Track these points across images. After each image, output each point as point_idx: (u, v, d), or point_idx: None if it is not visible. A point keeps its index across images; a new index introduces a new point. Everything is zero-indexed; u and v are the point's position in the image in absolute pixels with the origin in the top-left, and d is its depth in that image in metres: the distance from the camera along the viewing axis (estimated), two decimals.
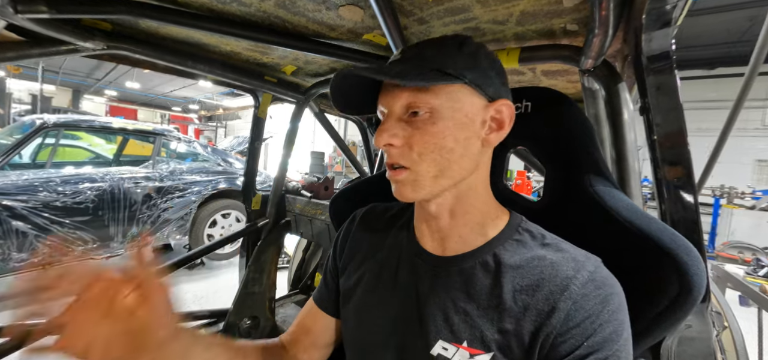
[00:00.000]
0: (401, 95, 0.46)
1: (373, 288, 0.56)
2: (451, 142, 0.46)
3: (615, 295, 0.42)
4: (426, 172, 0.46)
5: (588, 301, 0.41)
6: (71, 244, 2.71)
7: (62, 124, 2.77)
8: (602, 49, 0.68)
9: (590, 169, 0.57)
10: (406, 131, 0.46)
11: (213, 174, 3.60)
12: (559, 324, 0.41)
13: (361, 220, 0.64)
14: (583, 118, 0.62)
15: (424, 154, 0.45)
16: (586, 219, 0.54)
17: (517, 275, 0.45)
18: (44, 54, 0.89)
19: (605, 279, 0.43)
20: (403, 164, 0.46)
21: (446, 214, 0.50)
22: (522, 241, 0.48)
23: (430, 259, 0.52)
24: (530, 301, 0.43)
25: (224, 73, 1.16)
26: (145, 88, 12.56)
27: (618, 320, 0.41)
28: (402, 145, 0.46)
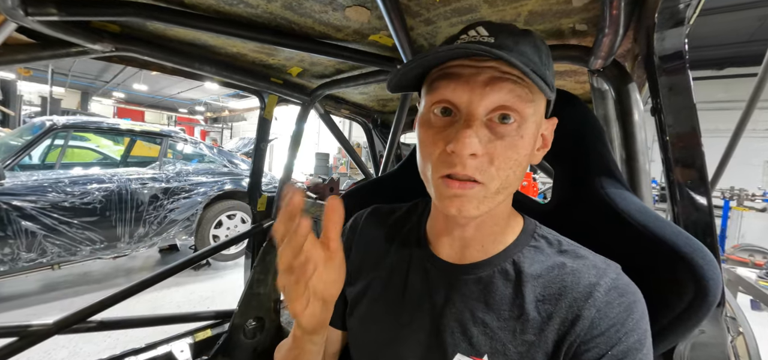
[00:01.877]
0: (498, 93, 0.38)
1: (380, 297, 0.52)
2: (526, 159, 0.41)
3: (638, 302, 0.40)
4: (496, 188, 0.40)
5: (612, 309, 0.39)
6: (79, 244, 2.74)
7: (71, 125, 2.81)
8: (612, 49, 0.67)
9: (601, 171, 0.56)
10: (488, 139, 0.39)
11: (219, 175, 3.63)
12: (583, 332, 0.39)
13: (364, 224, 0.59)
14: (593, 119, 0.62)
15: (502, 169, 0.39)
16: (597, 221, 0.53)
17: (539, 284, 0.43)
18: (54, 56, 0.90)
19: (627, 286, 0.41)
20: (479, 179, 0.39)
21: (473, 225, 0.45)
22: (539, 247, 0.46)
23: (444, 266, 0.48)
24: (553, 310, 0.41)
25: (231, 75, 1.17)
26: (152, 90, 12.70)
27: (641, 329, 0.39)
28: (482, 156, 0.39)
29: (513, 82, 0.39)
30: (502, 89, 0.38)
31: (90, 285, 3.18)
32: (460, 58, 0.39)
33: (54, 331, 1.00)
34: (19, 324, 0.95)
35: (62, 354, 2.10)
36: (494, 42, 0.39)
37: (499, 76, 0.38)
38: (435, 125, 0.41)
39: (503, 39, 0.39)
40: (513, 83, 0.38)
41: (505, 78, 0.38)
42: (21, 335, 0.95)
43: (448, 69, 0.40)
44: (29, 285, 3.08)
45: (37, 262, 2.58)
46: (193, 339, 1.37)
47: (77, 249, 2.73)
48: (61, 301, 2.81)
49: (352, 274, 0.57)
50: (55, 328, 1.00)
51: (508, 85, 0.38)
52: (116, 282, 3.30)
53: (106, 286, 3.19)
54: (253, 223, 1.52)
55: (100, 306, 1.08)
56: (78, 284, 3.18)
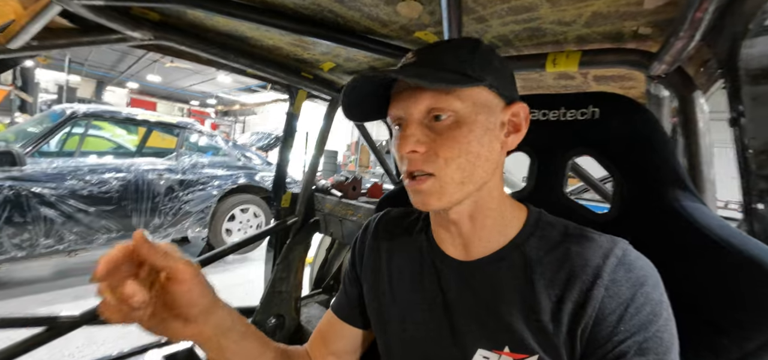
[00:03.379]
0: (422, 99, 0.44)
1: (396, 298, 0.54)
2: (476, 146, 0.44)
3: (648, 276, 0.41)
4: (451, 178, 0.44)
5: (620, 286, 0.40)
6: (95, 233, 2.75)
7: (92, 114, 2.82)
8: (681, 54, 0.64)
9: (674, 183, 0.53)
10: (429, 137, 0.45)
11: (233, 169, 3.63)
12: (594, 313, 0.40)
13: (377, 227, 0.62)
14: (661, 128, 0.58)
15: (450, 159, 0.44)
16: (669, 237, 0.50)
17: (547, 270, 0.44)
18: (93, 42, 0.89)
19: (634, 261, 0.42)
20: (429, 171, 0.44)
21: (466, 219, 0.48)
22: (545, 235, 0.47)
23: (454, 264, 0.50)
24: (564, 294, 0.42)
25: (264, 68, 1.15)
26: (166, 82, 12.80)
27: (654, 300, 0.39)
28: (426, 152, 0.44)
29: (431, 88, 0.44)
30: (424, 95, 0.44)
31: None
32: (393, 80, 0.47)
33: (81, 323, 0.98)
34: (47, 314, 0.94)
35: (78, 342, 2.10)
36: (415, 61, 0.47)
37: (419, 86, 0.44)
38: (396, 137, 0.48)
39: (423, 57, 0.47)
40: (431, 89, 0.44)
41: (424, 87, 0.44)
42: (49, 325, 0.94)
43: (394, 92, 0.48)
44: (43, 271, 3.11)
45: (54, 249, 2.60)
46: None
47: (93, 237, 2.74)
48: (74, 288, 2.83)
49: (370, 278, 0.59)
50: (81, 320, 0.99)
51: (427, 92, 0.44)
52: None
53: None
54: (276, 220, 1.50)
55: None
56: (91, 272, 3.19)
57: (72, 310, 0.98)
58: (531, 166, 0.65)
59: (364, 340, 0.62)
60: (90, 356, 2.05)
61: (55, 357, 1.99)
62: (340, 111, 1.50)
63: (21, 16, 0.75)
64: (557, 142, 0.62)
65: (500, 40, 0.87)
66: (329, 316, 0.64)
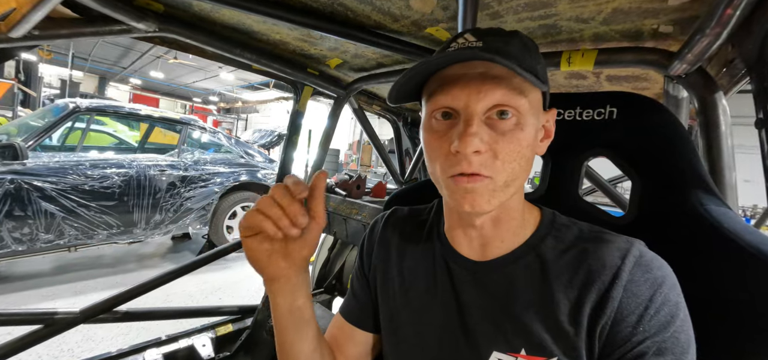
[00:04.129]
0: (493, 92, 0.40)
1: (408, 298, 0.53)
2: (528, 150, 0.43)
3: (665, 277, 0.40)
4: (504, 181, 0.42)
5: (638, 287, 0.39)
6: (96, 228, 2.73)
7: (94, 108, 2.81)
8: (705, 53, 0.61)
9: (698, 186, 0.51)
10: (491, 136, 0.41)
11: (235, 166, 3.61)
12: (612, 314, 0.39)
13: (385, 227, 0.60)
14: (683, 130, 0.56)
15: (507, 162, 0.41)
16: (692, 241, 0.48)
17: (565, 272, 0.43)
18: (97, 33, 0.87)
19: (652, 261, 0.41)
20: (485, 173, 0.41)
21: (490, 222, 0.47)
22: (561, 235, 0.46)
23: (468, 264, 0.48)
24: (582, 295, 0.41)
25: (270, 63, 1.12)
26: (168, 78, 12.82)
27: (671, 301, 0.39)
28: (486, 152, 0.41)
29: (503, 81, 0.40)
30: (496, 88, 0.40)
31: (103, 268, 3.18)
32: (453, 64, 0.42)
33: (80, 320, 0.96)
34: (45, 311, 0.92)
35: (76, 338, 2.09)
36: (482, 46, 0.41)
37: (491, 76, 0.41)
38: (438, 130, 0.44)
39: (490, 42, 0.42)
40: (504, 82, 0.40)
41: (496, 78, 0.40)
42: (47, 323, 0.92)
43: (444, 76, 0.42)
44: (43, 265, 3.09)
45: (54, 244, 2.58)
46: (215, 333, 1.34)
47: (94, 232, 2.72)
48: (74, 284, 2.81)
49: (379, 279, 0.57)
50: (81, 317, 0.97)
51: (500, 84, 0.40)
52: (128, 267, 3.31)
53: (119, 270, 3.19)
54: None
55: (126, 296, 1.05)
56: (91, 267, 3.18)
57: (71, 306, 0.96)
58: (544, 167, 0.63)
59: (375, 344, 0.60)
60: (88, 353, 2.03)
61: (54, 353, 1.97)
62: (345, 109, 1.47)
63: (22, 4, 0.73)
64: (572, 142, 0.60)
65: None
66: (339, 321, 0.61)
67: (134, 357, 1.13)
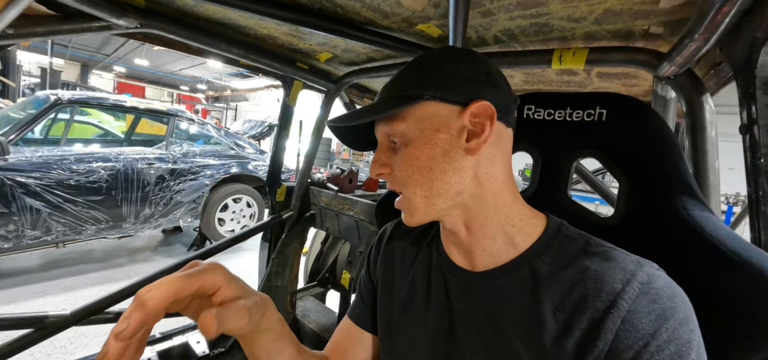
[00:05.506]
0: (381, 127, 0.48)
1: (407, 305, 0.54)
2: (426, 161, 0.44)
3: (676, 308, 0.35)
4: (414, 194, 0.46)
5: (640, 319, 0.35)
6: (84, 223, 2.68)
7: (77, 100, 2.72)
8: (694, 56, 0.62)
9: (682, 190, 0.51)
10: (391, 159, 0.48)
11: (225, 158, 3.56)
12: (606, 347, 0.35)
13: (391, 234, 0.62)
14: (670, 133, 0.56)
15: (406, 178, 0.46)
16: (675, 246, 0.49)
17: (556, 291, 0.40)
18: (75, 30, 0.83)
19: (661, 289, 0.36)
20: (397, 190, 0.48)
21: (462, 228, 0.47)
22: (562, 250, 0.43)
23: (461, 273, 0.49)
24: (572, 319, 0.38)
25: (258, 58, 1.10)
26: (154, 66, 12.46)
27: (681, 338, 0.34)
28: (390, 173, 0.48)
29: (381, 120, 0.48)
30: (380, 123, 0.48)
31: (93, 263, 3.14)
32: None
33: (71, 322, 0.95)
34: (35, 314, 0.90)
35: (70, 333, 2.07)
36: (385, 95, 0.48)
37: None
38: None
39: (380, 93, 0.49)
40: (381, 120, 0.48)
41: None
42: (37, 326, 0.90)
43: None
44: (31, 262, 3.04)
45: (41, 240, 2.53)
46: None
47: (82, 228, 2.67)
48: (64, 280, 2.77)
49: (381, 285, 0.59)
50: (72, 319, 0.96)
51: (380, 122, 0.48)
52: (119, 261, 3.27)
53: (109, 265, 3.16)
54: (271, 214, 1.47)
55: (118, 296, 1.04)
56: (80, 262, 3.14)
57: (62, 303, 0.95)
58: (534, 166, 0.63)
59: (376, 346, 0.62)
60: (81, 351, 2.02)
61: (46, 351, 1.96)
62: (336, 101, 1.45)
63: None
64: (562, 142, 0.60)
65: (505, 35, 0.84)
66: (347, 324, 0.62)
67: None
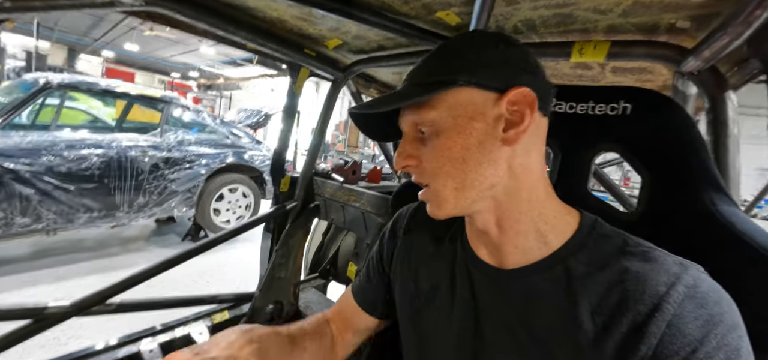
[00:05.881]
0: (407, 116, 0.46)
1: (430, 299, 0.52)
2: (459, 152, 0.42)
3: (724, 313, 0.34)
4: (444, 186, 0.43)
5: (687, 325, 0.33)
6: (76, 211, 2.61)
7: (67, 84, 2.63)
8: (722, 52, 0.61)
9: (709, 185, 0.51)
10: (419, 150, 0.46)
11: (221, 147, 3.50)
12: (650, 352, 0.34)
13: (409, 223, 0.60)
14: (696, 129, 0.56)
15: (437, 169, 0.44)
16: (704, 240, 0.48)
17: (593, 292, 0.38)
18: (75, 5, 0.79)
19: (707, 293, 0.35)
20: (424, 182, 0.46)
21: (493, 226, 0.45)
22: (598, 249, 0.41)
23: (489, 270, 0.47)
24: (611, 323, 0.36)
25: (265, 42, 1.06)
26: (144, 51, 12.16)
27: (730, 345, 0.32)
28: (418, 165, 0.46)
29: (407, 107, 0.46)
30: (406, 112, 0.47)
31: (84, 252, 3.07)
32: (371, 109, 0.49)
33: (72, 313, 0.92)
34: (34, 306, 0.87)
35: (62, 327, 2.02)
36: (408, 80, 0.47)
37: None
38: None
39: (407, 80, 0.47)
40: (407, 108, 0.46)
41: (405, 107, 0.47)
42: (37, 318, 0.87)
43: None
44: (20, 250, 2.96)
45: (31, 228, 2.46)
46: (211, 321, 1.32)
47: (74, 216, 2.61)
48: (55, 269, 2.71)
49: (402, 273, 0.58)
50: (72, 310, 0.93)
51: (407, 110, 0.46)
52: (111, 251, 3.20)
53: (102, 254, 3.09)
54: (274, 204, 1.44)
55: (120, 287, 1.01)
56: (72, 251, 3.06)
57: (62, 299, 0.92)
58: (554, 160, 0.62)
59: (376, 327, 0.64)
60: (80, 342, 1.98)
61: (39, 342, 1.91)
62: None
63: None
64: (584, 136, 0.59)
65: (525, 25, 0.83)
66: (349, 297, 0.65)
67: (129, 347, 1.10)
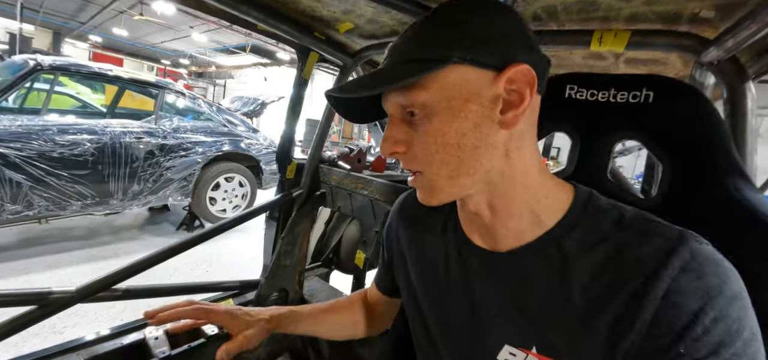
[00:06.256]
0: (393, 98, 0.41)
1: (425, 285, 0.53)
2: (454, 137, 0.38)
3: (726, 284, 0.32)
4: (437, 174, 0.40)
5: (685, 298, 0.32)
6: (68, 199, 2.55)
7: (59, 67, 2.54)
8: (747, 41, 0.61)
9: (733, 172, 0.51)
10: (408, 134, 0.42)
11: (217, 135, 3.44)
12: (645, 328, 0.33)
13: (401, 211, 0.61)
14: (719, 118, 0.56)
15: (429, 156, 0.40)
16: (725, 223, 0.49)
17: (588, 271, 0.37)
18: None
19: (705, 264, 0.33)
20: (415, 169, 0.42)
21: (486, 209, 0.43)
22: (593, 224, 0.40)
23: (482, 253, 0.46)
24: (605, 302, 0.35)
25: (277, 24, 1.04)
26: (133, 37, 11.83)
27: (730, 316, 0.31)
28: (408, 151, 0.42)
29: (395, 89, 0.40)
30: (392, 94, 0.41)
31: (76, 241, 3.01)
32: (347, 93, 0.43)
33: (77, 299, 0.90)
34: (39, 291, 0.84)
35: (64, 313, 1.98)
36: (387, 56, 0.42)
37: None
38: None
39: (393, 49, 0.42)
40: (395, 89, 0.40)
41: None
42: (41, 303, 0.85)
43: None
44: (9, 238, 2.88)
45: (22, 215, 2.39)
46: None
47: (67, 203, 2.54)
48: (46, 257, 2.65)
49: (398, 263, 0.60)
50: (78, 295, 0.90)
51: (393, 92, 0.41)
52: (103, 239, 3.15)
53: (93, 243, 3.03)
54: (280, 192, 1.43)
55: (125, 273, 0.99)
56: (63, 239, 3.00)
57: (67, 284, 0.90)
58: (573, 147, 0.62)
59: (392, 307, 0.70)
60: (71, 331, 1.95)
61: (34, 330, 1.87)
62: None
63: None
64: (604, 124, 0.59)
65: (545, 12, 0.82)
66: (373, 287, 0.70)
67: (135, 335, 1.08)
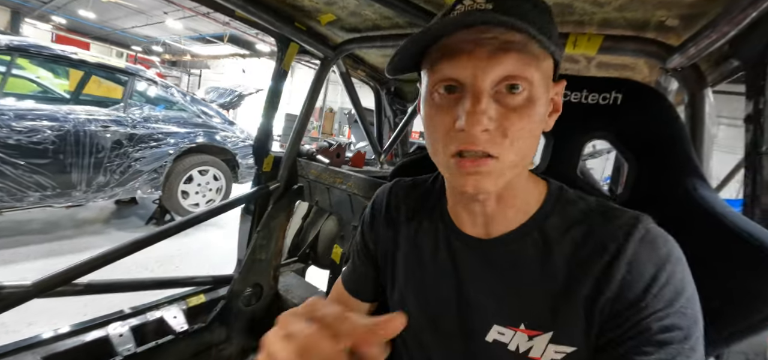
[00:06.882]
0: (504, 63, 0.36)
1: (412, 274, 0.53)
2: (538, 126, 0.40)
3: (671, 253, 0.39)
4: (511, 161, 0.39)
5: (643, 265, 0.38)
6: (26, 189, 2.38)
7: (17, 47, 2.36)
8: (707, 49, 0.65)
9: (692, 173, 0.55)
10: (499, 112, 0.37)
11: (191, 126, 3.31)
12: (613, 292, 0.39)
13: (388, 202, 0.60)
14: (681, 121, 0.60)
15: (516, 141, 0.38)
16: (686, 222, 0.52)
17: (566, 247, 0.43)
18: None
19: (657, 237, 0.40)
20: (493, 153, 0.37)
21: (493, 200, 0.45)
22: (567, 211, 0.45)
23: (471, 242, 0.48)
24: (582, 272, 0.41)
25: (257, 12, 1.01)
26: (102, 20, 11.18)
27: (677, 277, 0.38)
28: (495, 130, 0.37)
29: (517, 49, 0.36)
30: (507, 58, 0.36)
31: (33, 235, 2.82)
32: (459, 30, 0.37)
33: (33, 294, 0.84)
34: None
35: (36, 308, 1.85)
36: (493, 8, 0.36)
37: (503, 44, 0.36)
38: (440, 104, 0.40)
39: (501, 2, 0.36)
40: (517, 50, 0.36)
41: (508, 46, 0.36)
42: None
43: (449, 44, 0.38)
44: None
45: None
46: (186, 304, 1.26)
47: (24, 194, 2.37)
48: (1, 252, 2.46)
49: (383, 256, 0.58)
50: (34, 290, 0.85)
51: (512, 53, 0.36)
52: (64, 233, 2.96)
53: (54, 237, 2.85)
54: (256, 185, 1.39)
55: (87, 267, 0.93)
56: (18, 233, 2.80)
57: (22, 278, 0.84)
58: (546, 145, 0.64)
59: (369, 310, 0.63)
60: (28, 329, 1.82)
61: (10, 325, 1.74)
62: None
63: None
64: (576, 124, 0.62)
65: None
66: (340, 288, 0.64)
67: (97, 332, 1.02)
